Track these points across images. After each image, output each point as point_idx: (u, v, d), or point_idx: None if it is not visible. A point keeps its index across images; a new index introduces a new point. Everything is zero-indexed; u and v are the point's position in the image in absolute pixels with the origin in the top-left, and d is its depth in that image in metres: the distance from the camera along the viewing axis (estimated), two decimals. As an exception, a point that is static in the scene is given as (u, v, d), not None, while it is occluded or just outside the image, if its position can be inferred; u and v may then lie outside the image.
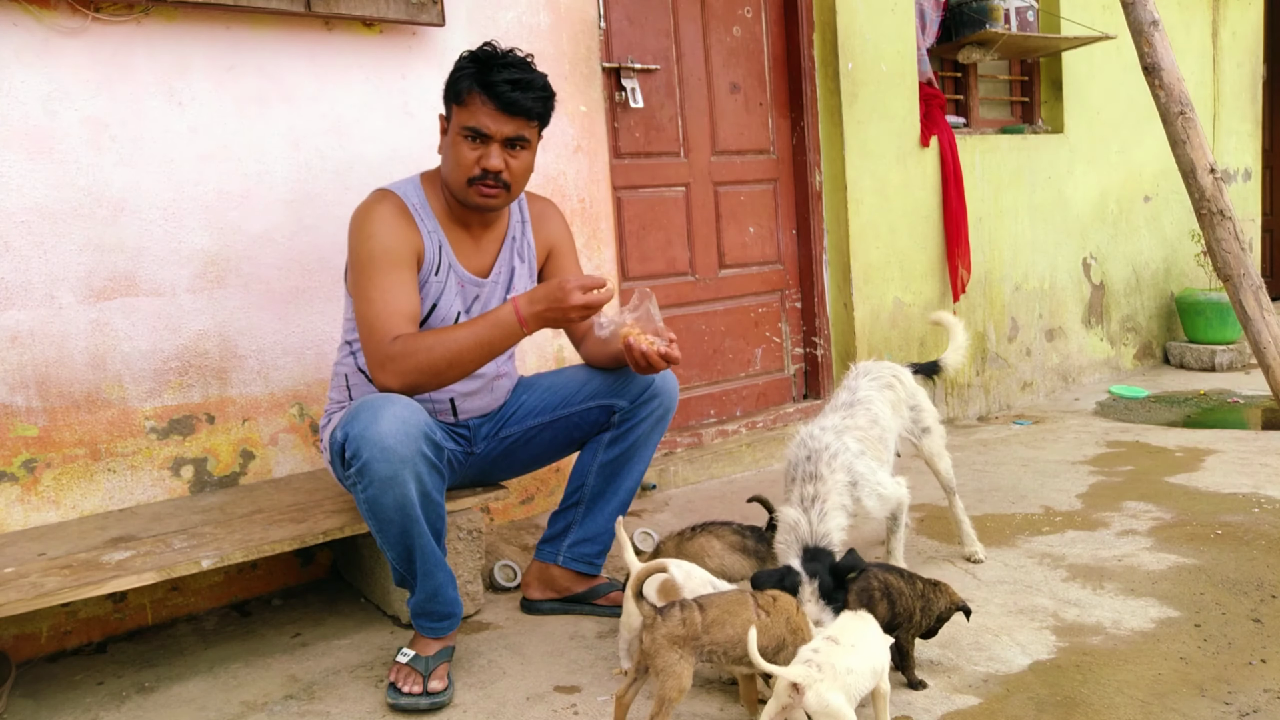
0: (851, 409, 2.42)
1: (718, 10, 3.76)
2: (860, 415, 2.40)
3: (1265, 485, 3.11)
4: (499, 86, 2.05)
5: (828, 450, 2.23)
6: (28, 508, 2.31)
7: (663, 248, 3.65)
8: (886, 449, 2.43)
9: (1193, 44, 5.61)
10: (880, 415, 2.44)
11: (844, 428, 2.34)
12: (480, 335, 2.02)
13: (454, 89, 2.11)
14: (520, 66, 2.09)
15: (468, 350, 2.01)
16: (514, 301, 2.03)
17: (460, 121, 2.10)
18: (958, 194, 4.28)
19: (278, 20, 2.58)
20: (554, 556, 2.40)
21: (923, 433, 2.62)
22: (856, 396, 2.46)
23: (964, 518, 2.68)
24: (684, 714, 1.87)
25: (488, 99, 2.06)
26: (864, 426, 2.38)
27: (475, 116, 2.07)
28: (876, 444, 2.38)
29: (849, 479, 2.21)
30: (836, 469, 2.20)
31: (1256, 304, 3.06)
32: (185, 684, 2.15)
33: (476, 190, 2.12)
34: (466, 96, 2.08)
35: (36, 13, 2.27)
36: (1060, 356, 4.96)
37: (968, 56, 4.49)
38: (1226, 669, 1.94)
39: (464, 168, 2.10)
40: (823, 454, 2.22)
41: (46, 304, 2.31)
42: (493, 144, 2.09)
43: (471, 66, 2.08)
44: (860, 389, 2.49)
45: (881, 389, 2.51)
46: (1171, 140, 3.15)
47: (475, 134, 2.08)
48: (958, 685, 1.93)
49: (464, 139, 2.09)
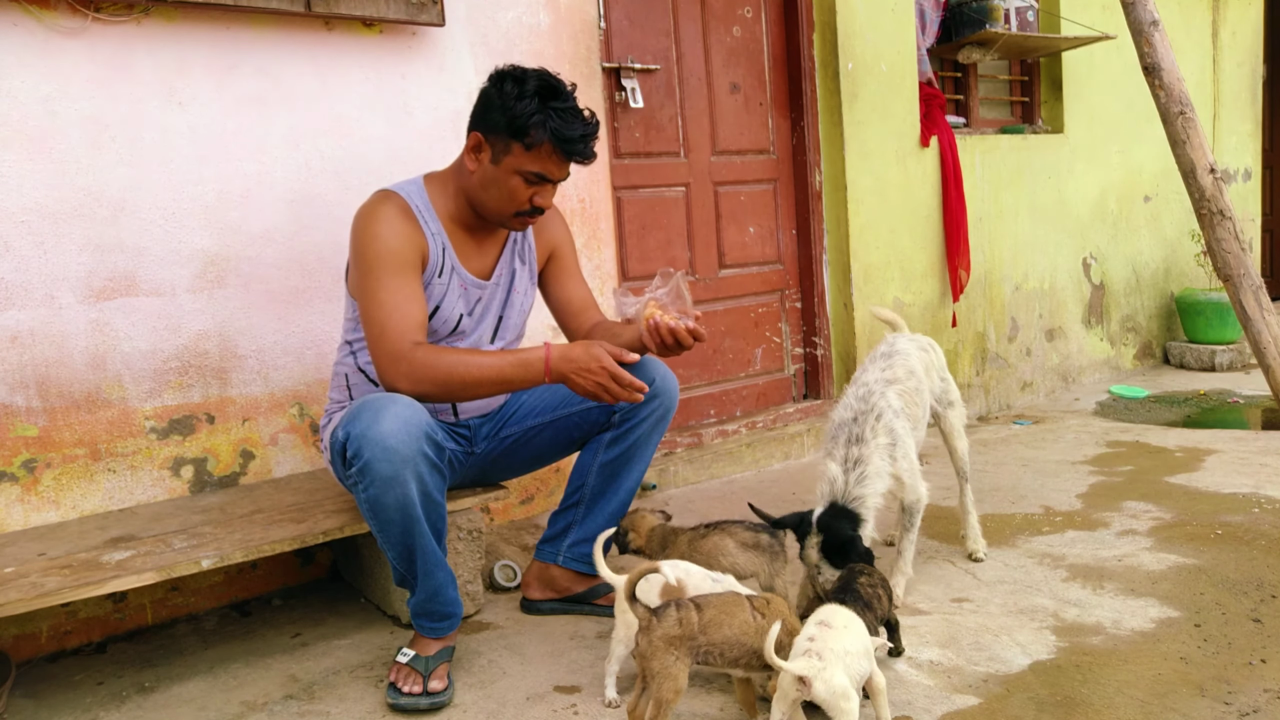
0: (890, 360, 2.51)
1: (718, 10, 3.76)
2: (899, 365, 2.49)
3: (1265, 485, 3.11)
4: (576, 144, 2.05)
5: (873, 411, 2.31)
6: (28, 508, 2.31)
7: (663, 248, 3.65)
8: (922, 407, 2.49)
9: (1193, 44, 5.61)
10: (916, 368, 2.52)
11: (887, 380, 2.42)
12: (504, 371, 2.02)
13: (519, 129, 2.04)
14: (582, 114, 2.08)
15: (487, 381, 2.02)
16: (546, 349, 2.03)
17: (523, 165, 2.07)
18: (958, 194, 4.28)
19: (278, 20, 2.58)
20: (554, 556, 2.40)
21: (948, 405, 2.68)
22: (895, 348, 2.55)
23: (972, 510, 2.70)
24: (684, 714, 1.87)
25: (561, 152, 2.06)
26: (902, 378, 2.46)
27: (544, 165, 2.07)
28: (914, 397, 2.46)
29: (889, 440, 2.29)
30: (879, 431, 2.28)
31: (1256, 304, 3.06)
32: (185, 684, 2.15)
33: (520, 220, 2.16)
34: (538, 146, 2.05)
35: (36, 13, 2.27)
36: (1060, 356, 4.96)
37: (968, 56, 4.49)
38: (1226, 669, 1.94)
39: (517, 203, 2.12)
40: (869, 415, 2.30)
41: (46, 304, 2.31)
42: (551, 185, 2.12)
43: (541, 114, 2.03)
44: (898, 343, 2.58)
45: (918, 349, 2.60)
46: (1171, 140, 3.15)
47: (539, 178, 2.09)
48: (958, 685, 1.93)
49: (522, 178, 2.09)
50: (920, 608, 2.32)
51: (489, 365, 2.01)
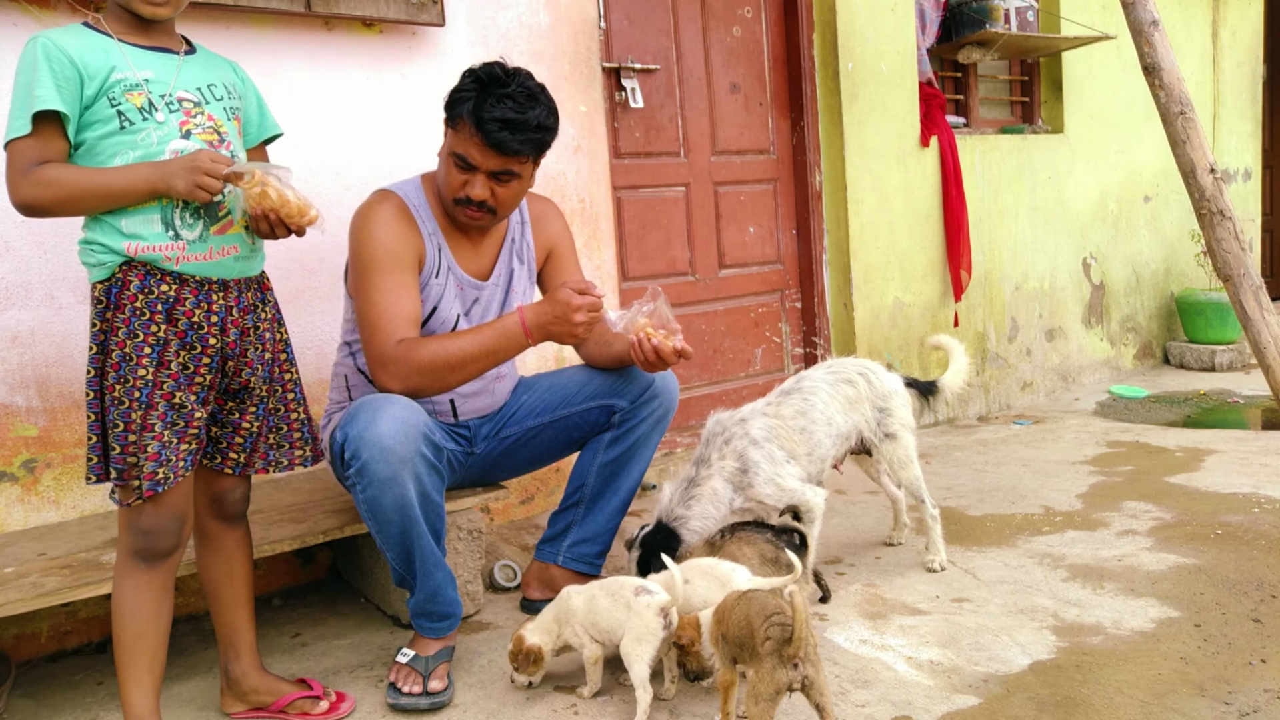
0: (786, 395, 2.43)
1: (718, 10, 3.76)
2: (790, 405, 2.39)
3: (1265, 485, 3.11)
4: (488, 124, 2.00)
5: (721, 436, 2.31)
6: (28, 508, 2.31)
7: (663, 248, 3.65)
8: (809, 442, 2.37)
9: (1193, 44, 5.61)
10: (815, 407, 2.39)
11: (756, 413, 2.37)
12: (485, 343, 2.02)
13: (451, 109, 2.07)
14: (519, 100, 2.02)
15: (471, 357, 2.02)
16: (520, 311, 2.03)
17: (450, 145, 2.08)
18: (958, 194, 4.28)
19: (278, 20, 2.58)
20: (554, 556, 2.40)
21: (885, 437, 2.49)
22: (800, 385, 2.45)
23: (935, 526, 2.56)
24: (684, 714, 1.87)
25: (476, 132, 2.02)
26: (786, 416, 2.37)
27: (464, 145, 2.05)
28: (795, 435, 2.35)
29: (739, 465, 2.28)
30: (727, 455, 2.28)
31: (1256, 304, 3.06)
32: (185, 684, 2.15)
33: (462, 211, 2.13)
34: (459, 123, 2.04)
35: (36, 13, 2.27)
36: (1060, 356, 4.96)
37: (968, 56, 4.49)
38: (1226, 669, 1.94)
39: (451, 189, 2.11)
40: (715, 439, 2.31)
41: (47, 304, 2.31)
42: (478, 174, 2.07)
43: (471, 91, 2.03)
44: (809, 378, 2.47)
45: (836, 382, 2.46)
46: (1171, 140, 3.16)
47: (463, 162, 2.06)
48: (958, 685, 1.93)
49: (453, 162, 2.08)
50: (920, 608, 2.32)
51: (469, 341, 2.02)
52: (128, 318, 1.65)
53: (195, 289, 1.71)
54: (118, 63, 1.65)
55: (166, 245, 1.68)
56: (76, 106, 1.62)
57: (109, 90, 1.63)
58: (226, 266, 1.75)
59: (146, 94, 1.66)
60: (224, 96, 1.78)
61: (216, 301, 1.73)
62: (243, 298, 1.79)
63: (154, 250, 1.67)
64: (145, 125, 1.66)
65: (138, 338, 1.65)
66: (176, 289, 1.68)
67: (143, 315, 1.66)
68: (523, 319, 2.03)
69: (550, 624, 1.97)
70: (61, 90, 1.60)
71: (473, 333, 2.05)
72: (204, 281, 1.72)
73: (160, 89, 1.68)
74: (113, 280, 1.66)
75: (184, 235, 1.69)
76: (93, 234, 1.68)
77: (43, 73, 1.59)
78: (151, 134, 1.66)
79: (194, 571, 2.00)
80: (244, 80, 1.88)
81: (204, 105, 1.74)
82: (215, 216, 1.73)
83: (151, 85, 1.67)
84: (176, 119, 1.69)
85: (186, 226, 1.70)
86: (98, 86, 1.63)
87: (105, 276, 1.67)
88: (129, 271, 1.66)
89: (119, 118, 1.64)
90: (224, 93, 1.79)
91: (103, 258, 1.66)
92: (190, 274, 1.70)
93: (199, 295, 1.71)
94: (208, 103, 1.74)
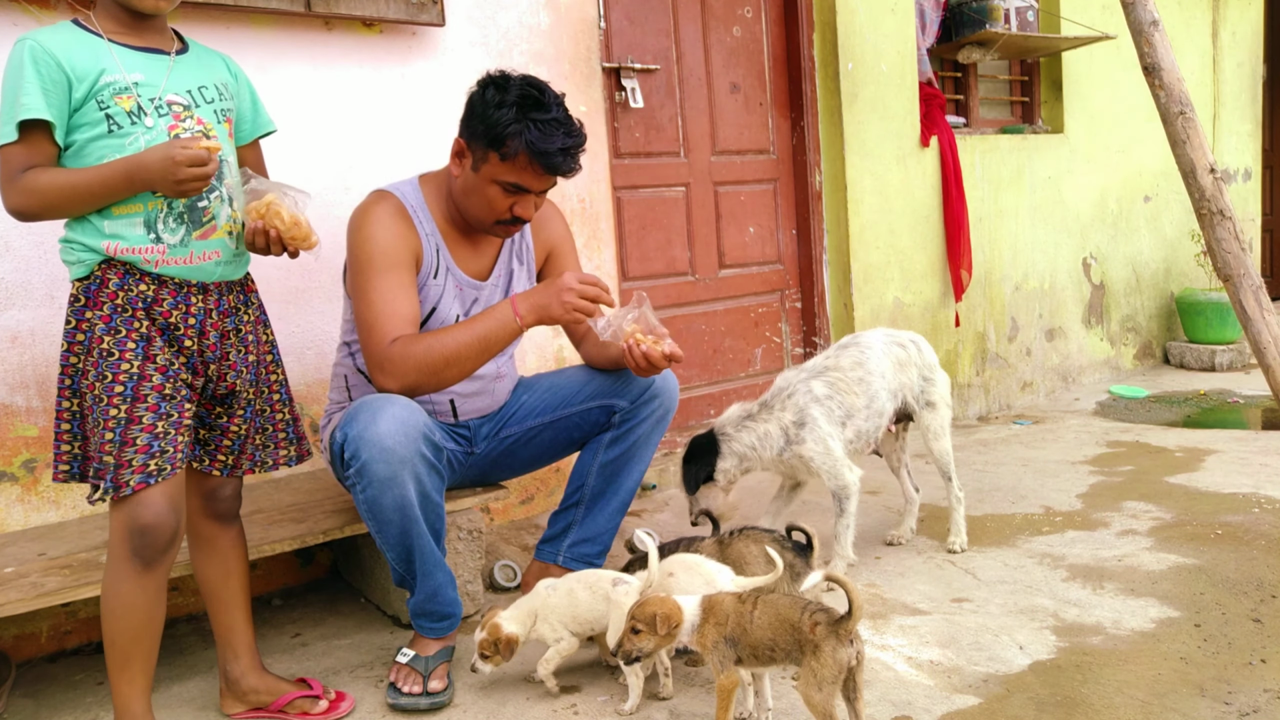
0: (843, 349, 2.52)
1: (718, 10, 3.76)
2: (848, 356, 2.49)
3: (1265, 485, 3.11)
4: (552, 157, 2.01)
5: (785, 390, 2.42)
6: (28, 508, 2.31)
7: (663, 248, 3.65)
8: (867, 392, 2.47)
9: (1193, 44, 5.61)
10: (871, 359, 2.50)
11: (820, 369, 2.46)
12: (477, 332, 2.02)
13: (496, 139, 2.01)
14: (565, 124, 2.03)
15: (465, 349, 2.01)
16: (512, 301, 2.04)
17: (499, 175, 2.05)
18: (958, 194, 4.28)
19: (277, 20, 2.58)
20: (554, 556, 2.40)
21: (927, 405, 2.63)
22: (858, 340, 2.55)
23: (959, 506, 2.70)
24: (684, 714, 1.88)
25: (535, 163, 2.02)
26: (845, 367, 2.46)
27: (521, 176, 2.05)
28: (854, 385, 2.45)
29: (796, 419, 2.38)
30: (788, 407, 2.40)
31: (1256, 304, 3.06)
32: (185, 684, 2.15)
33: (503, 229, 2.15)
34: (514, 157, 2.02)
35: (36, 13, 2.27)
36: (1060, 356, 4.96)
37: (968, 56, 4.49)
38: (1226, 669, 1.94)
39: (496, 212, 2.10)
40: (781, 393, 2.42)
41: (47, 304, 2.31)
42: (530, 196, 2.09)
43: (519, 124, 1.99)
44: (864, 335, 2.58)
45: (889, 344, 2.58)
46: (1171, 140, 3.15)
47: (516, 188, 2.07)
48: (958, 685, 1.93)
49: (500, 188, 2.07)
50: (920, 608, 2.32)
51: (464, 333, 2.02)
52: (107, 315, 1.65)
53: (174, 290, 1.71)
54: (107, 65, 1.64)
55: (147, 248, 1.68)
56: (64, 111, 1.61)
57: (98, 93, 1.63)
58: (207, 271, 1.75)
59: (136, 98, 1.66)
60: (215, 99, 1.78)
61: (195, 304, 1.73)
62: (223, 300, 1.79)
63: (134, 252, 1.67)
64: (134, 130, 1.65)
65: (120, 333, 1.65)
66: (155, 289, 1.69)
67: (124, 312, 1.66)
68: (514, 302, 2.04)
69: (525, 617, 1.97)
70: (48, 95, 1.59)
71: (464, 324, 2.05)
72: (183, 283, 1.72)
73: (150, 92, 1.68)
74: (91, 278, 1.67)
75: (165, 239, 1.69)
76: (73, 233, 1.68)
77: (29, 78, 1.59)
78: (140, 139, 1.66)
79: (192, 572, 2.00)
80: (237, 76, 1.88)
81: (194, 109, 1.73)
82: (199, 221, 1.73)
83: (141, 89, 1.67)
84: (165, 123, 1.69)
85: (169, 230, 1.70)
86: (86, 89, 1.62)
87: (84, 274, 1.67)
88: (108, 270, 1.66)
89: (107, 121, 1.64)
90: (215, 94, 1.78)
91: (82, 255, 1.67)
92: (169, 275, 1.70)
93: (177, 296, 1.71)
94: (198, 106, 1.74)
